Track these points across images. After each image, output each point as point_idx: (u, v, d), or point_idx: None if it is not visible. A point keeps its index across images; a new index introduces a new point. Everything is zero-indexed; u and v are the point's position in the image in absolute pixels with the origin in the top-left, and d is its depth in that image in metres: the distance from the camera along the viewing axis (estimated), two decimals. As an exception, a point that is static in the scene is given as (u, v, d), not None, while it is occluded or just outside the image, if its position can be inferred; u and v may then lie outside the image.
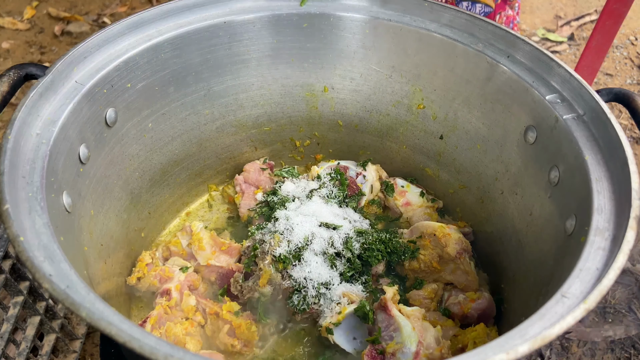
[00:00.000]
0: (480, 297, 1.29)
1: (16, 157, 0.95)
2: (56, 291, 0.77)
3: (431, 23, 1.33)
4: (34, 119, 1.03)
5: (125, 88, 1.25)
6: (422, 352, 1.11)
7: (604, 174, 1.00)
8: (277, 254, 1.28)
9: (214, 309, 1.27)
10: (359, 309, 1.21)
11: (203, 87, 1.41)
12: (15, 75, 1.11)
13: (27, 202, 0.91)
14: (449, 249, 1.30)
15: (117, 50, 1.22)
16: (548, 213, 1.15)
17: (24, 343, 1.45)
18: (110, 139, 1.24)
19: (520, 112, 1.23)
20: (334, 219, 1.39)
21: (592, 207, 0.96)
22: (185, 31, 1.30)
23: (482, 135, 1.36)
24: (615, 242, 0.89)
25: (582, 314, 0.79)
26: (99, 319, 0.75)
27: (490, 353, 0.75)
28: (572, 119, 1.10)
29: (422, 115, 1.47)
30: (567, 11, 3.06)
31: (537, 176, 1.20)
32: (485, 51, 1.27)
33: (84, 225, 1.13)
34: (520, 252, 1.26)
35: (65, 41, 2.86)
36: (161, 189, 1.47)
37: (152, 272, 1.34)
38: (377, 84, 1.48)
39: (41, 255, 0.83)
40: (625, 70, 2.74)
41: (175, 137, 1.44)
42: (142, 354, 0.72)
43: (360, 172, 1.53)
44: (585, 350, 1.77)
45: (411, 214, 1.53)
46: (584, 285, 0.85)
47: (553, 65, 1.16)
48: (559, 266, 1.04)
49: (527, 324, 0.81)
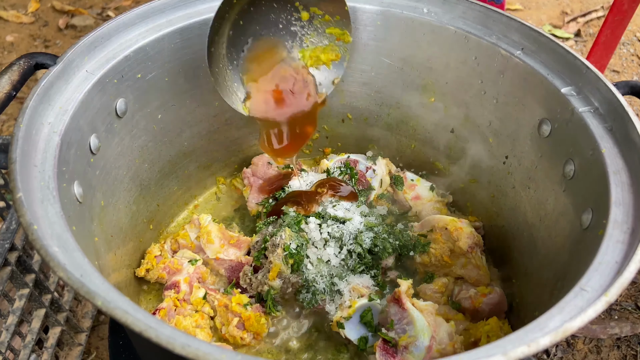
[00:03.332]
0: (491, 291, 1.28)
1: (28, 146, 0.94)
2: (71, 280, 0.76)
3: (444, 15, 1.32)
4: (45, 108, 1.02)
5: (136, 78, 1.23)
6: (435, 346, 1.10)
7: (622, 167, 0.99)
8: (288, 247, 1.27)
9: (223, 302, 1.26)
10: (364, 315, 1.21)
11: (213, 78, 1.40)
12: (25, 64, 1.10)
13: (39, 191, 0.90)
14: (460, 243, 1.30)
15: (128, 40, 1.21)
16: (562, 207, 1.14)
17: (29, 335, 1.45)
18: (121, 129, 1.23)
19: (534, 105, 1.22)
20: (344, 213, 1.38)
21: (610, 200, 0.94)
22: (196, 21, 1.29)
23: (494, 129, 1.35)
24: (635, 235, 0.88)
25: (603, 306, 0.78)
26: (114, 307, 0.74)
27: (510, 346, 0.74)
28: (588, 111, 1.09)
29: (433, 109, 1.46)
30: (574, 7, 3.04)
31: (551, 170, 1.19)
32: (499, 43, 1.26)
33: (95, 215, 1.12)
34: (533, 247, 1.25)
35: (69, 34, 2.85)
36: (170, 181, 1.46)
37: (161, 265, 1.34)
38: (387, 77, 1.47)
39: (54, 244, 0.82)
40: (632, 67, 2.73)
41: (184, 128, 1.43)
42: (159, 343, 0.71)
43: (370, 166, 1.52)
44: (591, 347, 1.76)
45: (420, 208, 1.52)
46: (604, 278, 0.85)
47: (569, 57, 1.15)
48: (575, 260, 1.03)
49: (546, 317, 0.80)
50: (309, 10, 1.27)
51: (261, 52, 1.26)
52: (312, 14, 1.27)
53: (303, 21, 1.28)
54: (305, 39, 1.28)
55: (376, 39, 1.41)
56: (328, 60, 1.23)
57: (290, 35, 1.29)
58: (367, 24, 1.38)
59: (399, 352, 1.11)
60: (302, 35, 1.29)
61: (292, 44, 1.29)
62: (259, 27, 1.26)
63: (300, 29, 1.29)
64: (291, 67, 1.28)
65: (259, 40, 1.27)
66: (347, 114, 1.57)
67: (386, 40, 1.40)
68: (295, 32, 1.30)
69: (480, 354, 0.73)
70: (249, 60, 1.26)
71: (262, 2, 1.24)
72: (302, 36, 1.29)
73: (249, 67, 1.26)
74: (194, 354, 0.69)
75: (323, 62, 1.23)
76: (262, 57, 1.27)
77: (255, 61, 1.26)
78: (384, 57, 1.44)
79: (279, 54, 1.28)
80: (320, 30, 1.29)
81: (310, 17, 1.28)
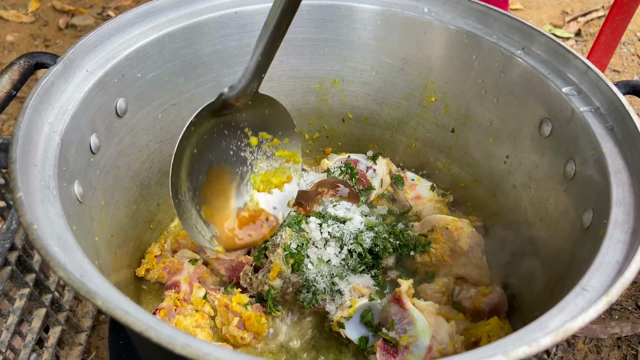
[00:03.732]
0: (492, 291, 1.28)
1: (28, 146, 0.94)
2: (71, 279, 0.76)
3: (445, 14, 1.32)
4: (46, 108, 1.02)
5: (136, 78, 1.23)
6: (436, 346, 1.10)
7: (622, 167, 0.99)
8: (288, 247, 1.26)
9: (224, 301, 1.26)
10: (365, 314, 1.21)
11: (213, 78, 1.40)
12: (25, 64, 1.10)
13: (39, 191, 0.90)
14: (461, 243, 1.30)
15: (128, 40, 1.21)
16: (563, 207, 1.14)
17: (29, 335, 1.45)
18: (121, 129, 1.23)
19: (535, 105, 1.22)
20: (344, 213, 1.37)
21: (611, 200, 0.94)
22: (196, 21, 1.29)
23: (495, 129, 1.35)
24: (636, 235, 0.88)
25: (604, 306, 0.78)
26: (115, 307, 0.73)
27: (511, 346, 0.74)
28: (589, 111, 1.09)
29: (433, 108, 1.46)
30: (574, 7, 3.04)
31: (552, 169, 1.19)
32: (499, 43, 1.25)
33: (95, 215, 1.12)
34: (534, 247, 1.25)
35: (69, 34, 2.85)
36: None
37: (161, 264, 1.34)
38: (388, 76, 1.47)
39: (55, 243, 0.82)
40: (632, 67, 2.73)
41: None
42: (159, 343, 0.71)
43: (371, 166, 1.52)
44: (592, 347, 1.76)
45: (421, 208, 1.52)
46: (605, 278, 0.84)
47: (570, 57, 1.15)
48: (576, 260, 1.02)
49: (547, 317, 0.80)
50: (258, 135, 1.27)
51: (215, 181, 1.25)
52: (261, 139, 1.27)
53: (252, 147, 1.27)
54: (255, 164, 1.26)
55: (376, 38, 1.41)
56: (280, 183, 1.22)
57: (241, 162, 1.28)
58: (368, 23, 1.38)
59: (399, 352, 1.11)
60: (252, 161, 1.27)
61: (243, 170, 1.28)
62: (212, 155, 1.24)
63: (250, 155, 1.27)
64: (246, 206, 1.28)
65: (213, 169, 1.25)
66: (347, 114, 1.57)
67: (386, 39, 1.40)
68: (245, 158, 1.28)
69: (481, 354, 0.73)
70: (205, 190, 1.25)
71: (214, 130, 1.22)
72: (252, 162, 1.27)
73: (206, 198, 1.25)
74: (195, 354, 0.69)
75: (275, 185, 1.22)
76: (217, 188, 1.26)
77: (211, 192, 1.25)
78: (385, 57, 1.43)
79: (232, 182, 1.27)
80: (269, 154, 1.27)
81: (259, 142, 1.27)
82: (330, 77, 1.50)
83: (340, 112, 1.57)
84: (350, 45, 1.43)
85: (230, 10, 1.32)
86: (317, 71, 1.49)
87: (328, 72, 1.49)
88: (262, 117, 1.25)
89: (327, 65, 1.48)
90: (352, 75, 1.49)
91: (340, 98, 1.54)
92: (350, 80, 1.50)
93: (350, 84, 1.51)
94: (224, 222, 1.24)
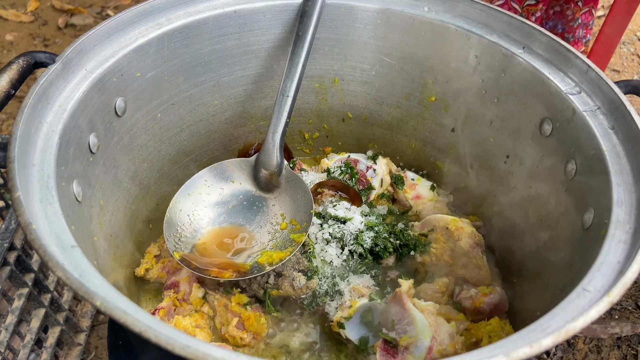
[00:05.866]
0: (492, 291, 1.27)
1: (27, 145, 0.94)
2: (70, 280, 0.76)
3: (445, 13, 1.31)
4: (44, 107, 1.02)
5: (135, 77, 1.23)
6: (436, 347, 1.10)
7: (624, 167, 0.98)
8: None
9: (223, 301, 1.26)
10: (365, 315, 1.21)
11: (212, 77, 1.40)
12: (24, 63, 1.09)
13: (38, 191, 0.90)
14: (461, 243, 1.29)
15: (127, 39, 1.20)
16: (564, 206, 1.14)
17: (28, 335, 1.44)
18: (120, 128, 1.23)
19: (535, 105, 1.22)
20: (345, 213, 1.37)
21: (612, 200, 0.94)
22: (195, 20, 1.29)
23: (495, 128, 1.35)
24: (637, 235, 0.88)
25: (606, 307, 0.78)
26: (113, 307, 0.73)
27: (512, 346, 0.74)
28: (589, 110, 1.09)
29: (433, 108, 1.46)
30: (574, 7, 3.03)
31: (552, 169, 1.19)
32: (500, 42, 1.25)
33: (94, 215, 1.12)
34: (535, 247, 1.24)
35: (69, 33, 2.85)
36: (169, 180, 1.45)
37: (160, 264, 1.33)
38: (388, 76, 1.46)
39: (53, 243, 0.82)
40: (632, 67, 2.73)
41: (184, 128, 1.42)
42: (158, 343, 0.70)
43: (371, 166, 1.51)
44: (592, 346, 1.76)
45: (421, 208, 1.51)
46: (606, 278, 0.84)
47: (570, 56, 1.15)
48: (577, 260, 1.02)
49: (548, 317, 0.80)
50: (289, 221, 1.32)
51: (224, 234, 1.33)
52: (290, 226, 1.31)
53: (279, 230, 1.31)
54: (273, 244, 1.29)
55: (376, 37, 1.40)
56: (280, 259, 1.24)
57: (262, 237, 1.32)
58: (368, 22, 1.38)
59: (399, 353, 1.11)
60: (270, 240, 1.30)
61: (262, 242, 1.31)
62: (238, 214, 1.35)
63: (273, 235, 1.31)
64: (239, 263, 1.30)
65: (231, 224, 1.34)
66: (347, 113, 1.57)
67: (387, 38, 1.40)
68: (268, 235, 1.32)
69: (482, 355, 0.73)
70: (210, 233, 1.32)
71: (251, 199, 1.35)
72: (271, 241, 1.30)
73: (206, 239, 1.31)
74: (194, 355, 0.69)
75: (275, 260, 1.24)
76: (223, 237, 1.32)
77: (215, 237, 1.32)
78: (385, 56, 1.43)
79: (242, 243, 1.32)
80: (287, 236, 1.30)
81: (286, 227, 1.32)
82: (330, 76, 1.50)
83: (340, 111, 1.57)
84: (350, 44, 1.43)
85: (230, 9, 1.32)
86: (316, 70, 1.49)
87: (328, 71, 1.49)
88: (294, 202, 1.33)
89: (326, 64, 1.47)
90: (352, 75, 1.49)
91: (340, 97, 1.54)
92: (350, 79, 1.50)
93: (350, 84, 1.51)
94: (212, 257, 1.28)
